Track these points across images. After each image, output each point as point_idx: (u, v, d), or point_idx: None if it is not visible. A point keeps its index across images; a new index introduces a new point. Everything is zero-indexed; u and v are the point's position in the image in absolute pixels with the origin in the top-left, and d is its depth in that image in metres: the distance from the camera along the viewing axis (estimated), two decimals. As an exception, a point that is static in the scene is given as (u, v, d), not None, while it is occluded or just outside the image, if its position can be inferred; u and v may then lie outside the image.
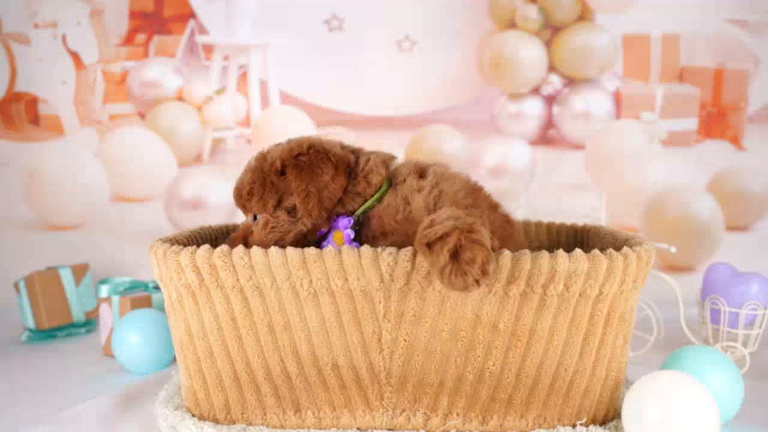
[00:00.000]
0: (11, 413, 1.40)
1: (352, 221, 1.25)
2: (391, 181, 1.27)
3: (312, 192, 1.22)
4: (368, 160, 1.29)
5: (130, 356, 1.59)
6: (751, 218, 2.49)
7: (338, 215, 1.26)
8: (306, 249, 1.16)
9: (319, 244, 1.27)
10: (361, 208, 1.25)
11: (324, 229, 1.28)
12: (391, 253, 1.14)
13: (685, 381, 1.10)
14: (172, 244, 1.24)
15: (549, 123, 2.92)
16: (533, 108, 2.88)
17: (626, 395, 1.15)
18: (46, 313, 1.86)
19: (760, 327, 1.65)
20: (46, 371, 1.65)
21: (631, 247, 1.18)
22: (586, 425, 1.20)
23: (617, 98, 2.83)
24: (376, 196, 1.25)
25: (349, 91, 2.97)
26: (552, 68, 2.89)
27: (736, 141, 2.81)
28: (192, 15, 2.98)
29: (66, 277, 1.91)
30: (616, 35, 2.86)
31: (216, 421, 1.24)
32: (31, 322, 1.87)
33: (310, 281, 1.16)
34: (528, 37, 2.85)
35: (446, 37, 2.99)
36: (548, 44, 2.88)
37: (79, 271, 1.94)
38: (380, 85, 2.99)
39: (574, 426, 1.19)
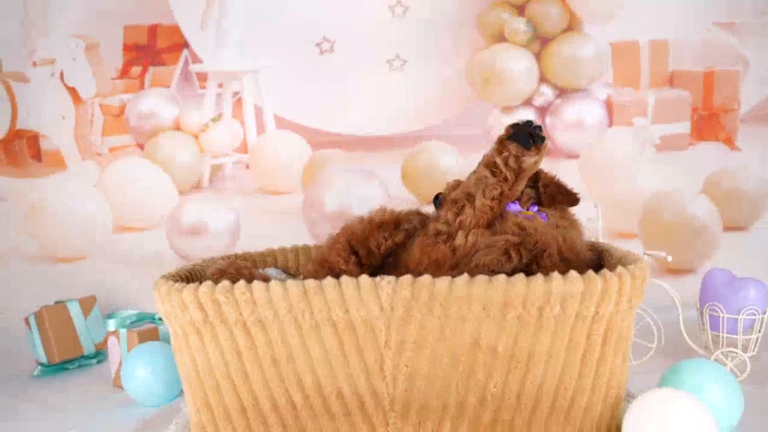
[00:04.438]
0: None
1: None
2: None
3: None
4: None
5: (140, 390, 1.61)
6: (748, 217, 2.50)
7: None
8: (306, 281, 1.18)
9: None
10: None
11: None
12: (389, 282, 1.16)
13: (683, 398, 1.12)
14: (175, 281, 1.26)
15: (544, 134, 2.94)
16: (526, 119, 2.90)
17: (625, 414, 1.17)
18: (56, 347, 1.89)
19: (759, 331, 1.67)
20: (59, 406, 1.67)
21: (625, 266, 1.20)
22: (587, 445, 1.22)
23: (609, 106, 2.85)
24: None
25: (343, 112, 3.00)
26: (543, 79, 2.91)
27: (729, 142, 2.84)
28: (185, 44, 3.01)
29: (74, 310, 1.93)
30: (605, 44, 2.88)
31: (225, 452, 1.26)
32: (42, 357, 1.89)
33: (312, 313, 1.18)
34: (517, 50, 2.87)
35: (436, 54, 3.02)
36: (538, 56, 2.91)
37: (87, 304, 1.96)
38: (373, 105, 3.02)
39: (575, 446, 1.21)
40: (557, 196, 1.43)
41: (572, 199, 1.44)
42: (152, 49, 2.99)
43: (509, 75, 2.82)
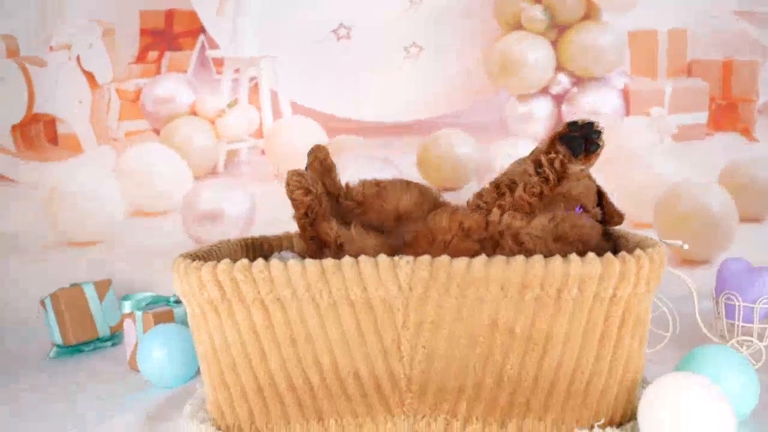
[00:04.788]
0: (42, 429, 1.44)
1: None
2: None
3: None
4: None
5: (155, 371, 1.63)
6: (765, 209, 2.48)
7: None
8: (324, 260, 1.19)
9: None
10: None
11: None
12: (408, 262, 1.16)
13: (699, 383, 1.12)
14: (193, 260, 1.27)
15: (560, 122, 2.93)
16: (542, 108, 2.89)
17: (641, 398, 1.17)
18: (72, 329, 1.90)
19: (775, 320, 1.66)
20: (74, 387, 1.68)
21: (643, 249, 1.20)
22: (603, 427, 1.21)
23: (626, 95, 2.84)
24: None
25: (359, 99, 3.00)
26: (560, 67, 2.90)
27: (747, 132, 2.82)
28: (202, 30, 3.02)
29: (90, 293, 1.95)
30: (623, 32, 2.86)
31: (241, 431, 1.27)
32: (58, 338, 1.91)
33: (330, 292, 1.19)
34: (534, 38, 2.86)
35: (453, 42, 3.01)
36: (555, 44, 2.90)
37: (102, 287, 1.98)
38: (390, 92, 3.02)
39: (591, 428, 1.21)
40: (614, 217, 1.47)
41: (621, 219, 1.49)
42: (169, 34, 3.00)
43: (526, 63, 2.81)
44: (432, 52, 3.03)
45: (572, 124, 1.25)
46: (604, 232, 1.40)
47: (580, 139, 1.24)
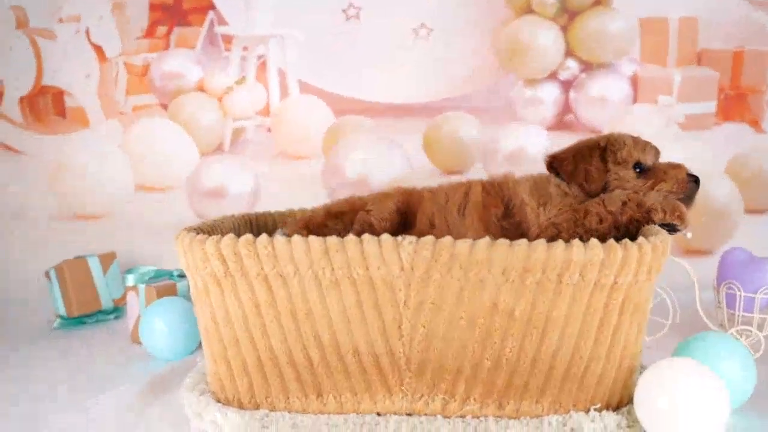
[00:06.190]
0: (44, 399, 1.46)
1: None
2: None
3: None
4: None
5: (157, 343, 1.64)
6: (771, 201, 2.48)
7: None
8: (328, 238, 1.19)
9: None
10: None
11: None
12: (411, 242, 1.17)
13: (695, 368, 1.13)
14: (198, 233, 1.28)
15: (566, 108, 2.91)
16: (550, 93, 2.88)
17: (638, 382, 1.18)
18: (75, 301, 1.92)
19: (775, 311, 1.67)
20: (77, 358, 1.70)
21: (646, 237, 1.20)
22: (600, 411, 1.22)
23: (635, 82, 2.82)
24: None
25: (367, 80, 2.99)
26: (569, 53, 2.88)
27: (755, 123, 2.80)
28: (211, 6, 3.01)
29: (94, 265, 1.96)
30: (633, 19, 2.84)
31: (240, 404, 1.28)
32: (62, 310, 1.93)
33: (332, 270, 1.19)
34: (544, 23, 2.84)
35: (463, 24, 2.99)
36: (565, 29, 2.88)
37: (107, 260, 1.99)
38: (397, 73, 3.00)
39: (587, 412, 1.22)
40: None
41: None
42: (178, 10, 2.99)
43: (535, 48, 2.80)
44: (441, 35, 3.01)
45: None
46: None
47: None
